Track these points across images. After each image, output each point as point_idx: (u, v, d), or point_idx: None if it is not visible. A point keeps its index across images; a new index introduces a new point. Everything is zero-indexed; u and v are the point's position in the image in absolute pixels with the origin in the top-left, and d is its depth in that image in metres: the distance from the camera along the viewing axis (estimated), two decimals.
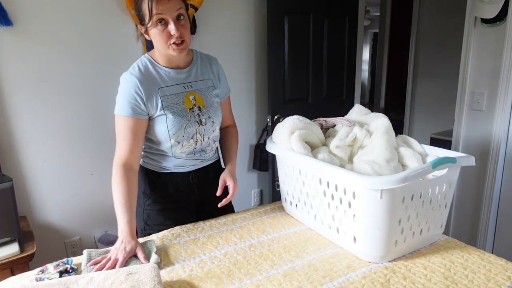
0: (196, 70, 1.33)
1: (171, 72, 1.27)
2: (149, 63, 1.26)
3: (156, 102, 1.22)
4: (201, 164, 1.40)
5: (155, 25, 1.15)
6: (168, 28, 1.15)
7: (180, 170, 1.36)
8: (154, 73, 1.25)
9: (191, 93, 1.29)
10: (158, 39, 1.18)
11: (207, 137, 1.34)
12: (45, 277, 0.99)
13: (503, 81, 1.94)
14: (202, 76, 1.34)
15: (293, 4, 2.50)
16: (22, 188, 1.95)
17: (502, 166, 2.05)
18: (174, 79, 1.27)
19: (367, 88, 7.81)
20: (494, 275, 1.00)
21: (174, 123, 1.24)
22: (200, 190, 1.42)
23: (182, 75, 1.29)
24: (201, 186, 1.41)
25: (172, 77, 1.27)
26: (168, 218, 1.37)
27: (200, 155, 1.37)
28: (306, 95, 2.70)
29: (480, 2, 1.91)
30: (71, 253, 2.14)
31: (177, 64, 1.29)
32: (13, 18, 1.78)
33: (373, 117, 1.36)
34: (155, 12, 1.12)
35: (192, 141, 1.30)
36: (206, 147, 1.38)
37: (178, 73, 1.28)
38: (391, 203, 0.99)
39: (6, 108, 1.85)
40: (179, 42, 1.17)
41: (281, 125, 1.32)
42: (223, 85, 1.42)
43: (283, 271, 1.04)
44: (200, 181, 1.40)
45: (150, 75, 1.24)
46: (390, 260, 1.08)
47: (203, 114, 1.31)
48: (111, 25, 2.06)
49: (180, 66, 1.29)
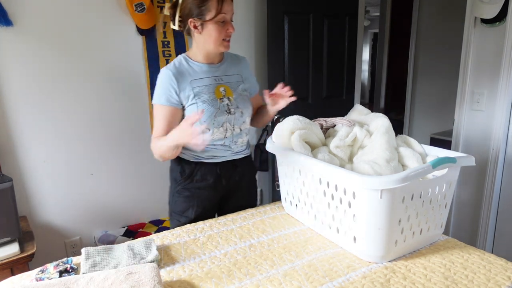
0: (226, 66, 1.46)
1: (204, 66, 1.40)
2: (184, 60, 1.41)
3: (188, 92, 1.35)
4: (232, 157, 1.47)
5: (216, 21, 1.29)
6: (227, 26, 1.32)
7: (211, 160, 1.45)
8: (188, 68, 1.39)
9: (221, 85, 1.41)
10: (214, 34, 1.32)
11: (237, 128, 1.43)
12: (45, 277, 0.99)
13: (503, 81, 1.94)
14: (231, 72, 1.47)
15: (293, 4, 2.49)
16: (22, 188, 1.95)
17: (502, 166, 2.05)
18: (206, 72, 1.40)
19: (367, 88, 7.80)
20: (494, 275, 1.00)
21: (206, 110, 1.34)
22: (227, 182, 1.49)
23: (214, 69, 1.42)
24: (229, 178, 1.49)
25: (204, 71, 1.40)
26: (191, 206, 1.45)
27: (230, 146, 1.45)
28: (306, 95, 2.70)
29: (480, 2, 1.91)
30: (71, 253, 2.14)
31: (212, 60, 1.42)
32: (13, 18, 1.79)
33: (373, 117, 1.36)
34: (223, 11, 1.28)
35: (222, 129, 1.40)
36: (238, 139, 1.46)
37: (210, 67, 1.41)
38: (391, 203, 0.99)
39: (6, 108, 1.85)
40: (228, 39, 1.35)
41: (281, 125, 1.32)
42: (252, 81, 1.54)
43: (283, 271, 1.04)
44: (228, 173, 1.48)
45: (184, 69, 1.38)
46: (390, 260, 1.08)
47: (232, 104, 1.41)
48: (111, 25, 2.06)
49: (214, 62, 1.43)
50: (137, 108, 2.22)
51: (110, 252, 1.12)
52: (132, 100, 2.19)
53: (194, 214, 1.44)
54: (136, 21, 2.09)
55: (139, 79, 2.19)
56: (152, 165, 2.31)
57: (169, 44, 2.23)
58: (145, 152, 2.28)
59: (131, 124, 2.22)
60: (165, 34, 2.21)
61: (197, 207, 1.45)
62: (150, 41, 2.17)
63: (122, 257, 1.09)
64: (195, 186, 1.45)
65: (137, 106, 2.22)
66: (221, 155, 1.45)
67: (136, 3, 1.99)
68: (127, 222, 2.31)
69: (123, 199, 2.27)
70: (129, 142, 2.23)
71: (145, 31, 2.14)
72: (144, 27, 2.11)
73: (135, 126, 2.23)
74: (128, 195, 2.29)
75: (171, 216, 1.51)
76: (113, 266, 1.05)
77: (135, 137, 2.24)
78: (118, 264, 1.06)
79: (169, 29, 2.22)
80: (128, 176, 2.26)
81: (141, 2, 1.99)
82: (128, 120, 2.20)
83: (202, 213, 1.46)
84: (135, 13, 2.02)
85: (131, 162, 2.25)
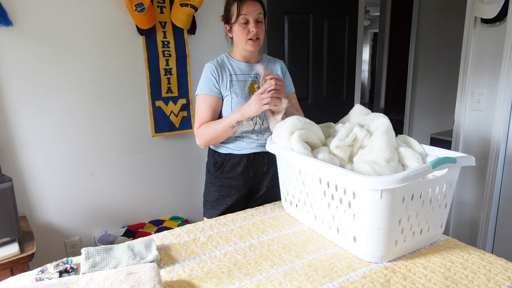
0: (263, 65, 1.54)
1: (242, 64, 1.56)
2: (225, 57, 1.57)
3: (226, 84, 1.51)
4: (258, 149, 1.56)
5: (239, 23, 1.43)
6: (249, 26, 1.43)
7: (238, 151, 1.56)
8: (228, 64, 1.55)
9: (256, 83, 1.55)
10: (239, 35, 1.46)
11: (266, 123, 1.53)
12: (45, 277, 0.99)
13: (503, 81, 1.94)
14: None
15: (293, 4, 2.50)
16: (22, 188, 1.95)
17: (502, 166, 2.05)
18: (244, 70, 1.55)
19: (367, 88, 7.81)
20: (494, 275, 1.00)
21: (237, 103, 1.49)
22: (254, 173, 1.59)
23: (251, 68, 1.56)
24: (256, 170, 1.59)
25: (242, 69, 1.55)
26: (222, 196, 1.58)
27: (257, 138, 1.55)
28: (306, 95, 2.70)
29: (480, 2, 1.91)
30: (71, 253, 2.14)
31: (249, 60, 1.57)
32: (13, 18, 1.79)
33: (373, 117, 1.35)
34: (242, 12, 1.42)
35: (251, 122, 1.52)
36: (265, 132, 1.56)
37: (248, 66, 1.56)
38: (391, 203, 0.99)
39: (6, 108, 1.85)
40: (254, 38, 1.45)
41: (281, 125, 1.32)
42: (287, 81, 1.65)
43: (283, 271, 1.04)
44: (255, 164, 1.57)
45: (224, 65, 1.54)
46: (390, 260, 1.08)
47: None
48: (111, 25, 2.06)
49: (251, 62, 1.57)
50: (137, 108, 2.22)
51: (110, 252, 1.12)
52: (132, 100, 2.19)
53: (224, 204, 1.57)
54: (136, 21, 2.09)
55: (139, 79, 2.19)
56: (152, 165, 2.31)
57: (169, 44, 2.23)
58: (145, 152, 2.28)
59: (131, 124, 2.22)
60: (165, 34, 2.21)
61: (227, 197, 1.58)
62: (150, 41, 2.17)
63: (122, 257, 1.09)
64: (225, 177, 1.58)
65: (137, 106, 2.22)
66: (248, 146, 1.55)
67: (136, 3, 1.99)
68: (127, 222, 2.31)
69: (123, 199, 2.27)
70: (129, 142, 2.23)
71: (145, 31, 2.14)
72: (144, 27, 2.11)
73: (135, 126, 2.23)
74: (128, 195, 2.29)
75: (204, 205, 1.65)
76: (113, 266, 1.05)
77: (135, 137, 2.24)
78: (118, 264, 1.06)
79: (169, 29, 2.22)
80: (128, 176, 2.26)
81: (141, 2, 1.99)
82: (128, 120, 2.20)
83: (232, 203, 1.58)
84: (135, 13, 2.02)
85: (131, 162, 2.25)
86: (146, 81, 2.21)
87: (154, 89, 2.23)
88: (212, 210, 1.61)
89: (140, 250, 1.13)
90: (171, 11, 2.19)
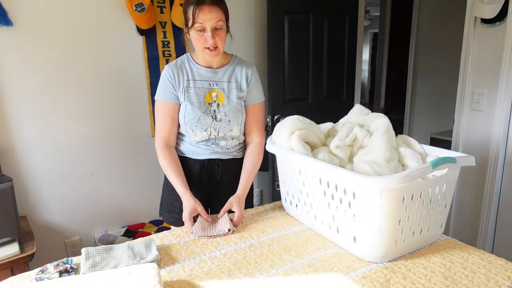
0: (226, 72, 1.46)
1: (202, 69, 1.43)
2: (186, 59, 1.45)
3: (182, 89, 1.41)
4: (213, 156, 1.48)
5: (195, 30, 1.33)
6: (205, 35, 1.32)
7: (193, 156, 1.48)
8: (187, 67, 1.43)
9: (214, 91, 1.43)
10: (195, 42, 1.36)
11: (222, 133, 1.45)
12: (45, 277, 0.99)
13: (503, 81, 1.94)
14: (229, 78, 1.46)
15: (293, 4, 2.50)
16: (22, 188, 1.95)
17: (502, 166, 2.05)
18: (203, 75, 1.43)
19: (367, 88, 7.80)
20: (494, 275, 1.00)
21: (190, 112, 1.39)
22: (209, 179, 1.50)
23: (211, 73, 1.44)
24: (211, 176, 1.50)
25: (201, 74, 1.43)
26: (176, 200, 1.44)
27: (212, 146, 1.46)
28: (306, 95, 2.70)
29: (480, 2, 1.91)
30: (71, 253, 2.14)
31: (210, 64, 1.44)
32: (13, 18, 1.79)
33: (373, 117, 1.35)
34: (197, 20, 1.30)
35: (205, 133, 1.43)
36: (221, 141, 1.47)
37: (207, 72, 1.44)
38: (391, 203, 0.99)
39: (6, 108, 1.85)
40: (212, 48, 1.34)
41: (281, 125, 1.32)
42: (252, 90, 1.49)
43: (283, 271, 1.04)
44: (209, 171, 1.50)
45: (183, 68, 1.43)
46: (390, 260, 1.08)
47: (220, 111, 1.43)
48: (111, 25, 2.06)
49: (213, 66, 1.45)
50: (137, 108, 2.22)
51: (110, 252, 1.12)
52: (132, 100, 2.19)
53: (179, 207, 1.42)
54: (136, 21, 2.09)
55: (139, 79, 2.19)
56: (152, 165, 2.31)
57: (169, 44, 2.23)
58: (145, 152, 2.28)
59: (131, 124, 2.22)
60: (165, 34, 2.21)
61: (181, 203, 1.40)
62: (150, 41, 2.17)
63: (122, 257, 1.09)
64: None
65: (137, 106, 2.22)
66: (202, 152, 1.47)
67: (136, 3, 1.99)
68: (127, 222, 2.31)
69: (123, 199, 2.27)
70: (129, 142, 2.23)
71: (145, 31, 2.14)
72: (144, 27, 2.11)
73: (135, 126, 2.23)
74: (128, 195, 2.29)
75: (160, 206, 1.60)
76: (113, 266, 1.05)
77: (135, 137, 2.24)
78: (118, 264, 1.06)
79: (169, 29, 2.22)
80: (128, 176, 2.26)
81: (141, 2, 1.99)
82: (128, 120, 2.20)
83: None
84: (135, 13, 2.02)
85: (131, 162, 2.25)
86: (146, 81, 2.21)
87: (154, 89, 2.23)
88: (167, 214, 1.55)
89: (140, 250, 1.13)
90: (171, 11, 2.20)
